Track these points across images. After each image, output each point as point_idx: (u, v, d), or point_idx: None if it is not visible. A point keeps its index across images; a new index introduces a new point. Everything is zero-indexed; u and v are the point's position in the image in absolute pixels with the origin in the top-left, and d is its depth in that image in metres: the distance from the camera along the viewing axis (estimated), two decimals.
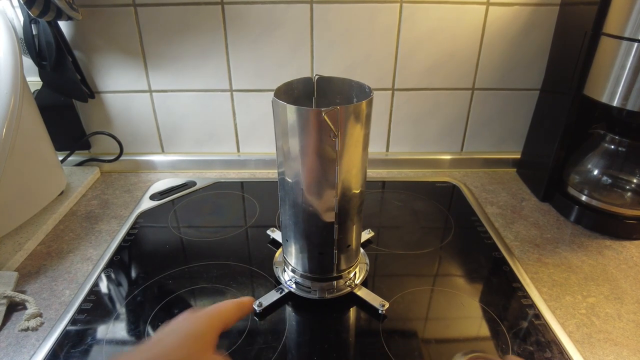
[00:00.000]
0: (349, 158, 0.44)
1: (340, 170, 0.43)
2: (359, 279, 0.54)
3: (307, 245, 0.49)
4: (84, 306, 0.51)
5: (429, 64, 0.76)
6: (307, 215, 0.47)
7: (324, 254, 0.49)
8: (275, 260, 0.58)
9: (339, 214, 0.46)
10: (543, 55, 0.75)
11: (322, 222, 0.47)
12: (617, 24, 0.57)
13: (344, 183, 0.45)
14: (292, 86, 0.48)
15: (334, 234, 0.47)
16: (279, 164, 0.46)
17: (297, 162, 0.43)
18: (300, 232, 0.48)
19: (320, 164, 0.43)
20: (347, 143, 0.42)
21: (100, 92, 0.79)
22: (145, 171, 0.84)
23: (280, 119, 0.42)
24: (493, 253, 0.61)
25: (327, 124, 0.40)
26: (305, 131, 0.41)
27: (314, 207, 0.46)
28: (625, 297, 0.54)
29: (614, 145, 0.67)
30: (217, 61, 0.76)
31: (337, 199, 0.45)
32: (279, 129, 0.44)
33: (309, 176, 0.44)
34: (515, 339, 0.47)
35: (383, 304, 0.50)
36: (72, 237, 0.65)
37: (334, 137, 0.41)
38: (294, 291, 0.52)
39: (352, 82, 0.48)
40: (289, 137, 0.42)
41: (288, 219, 0.49)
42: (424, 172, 0.85)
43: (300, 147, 0.42)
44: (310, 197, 0.45)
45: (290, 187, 0.46)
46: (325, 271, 0.51)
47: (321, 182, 0.44)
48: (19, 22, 0.69)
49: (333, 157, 0.42)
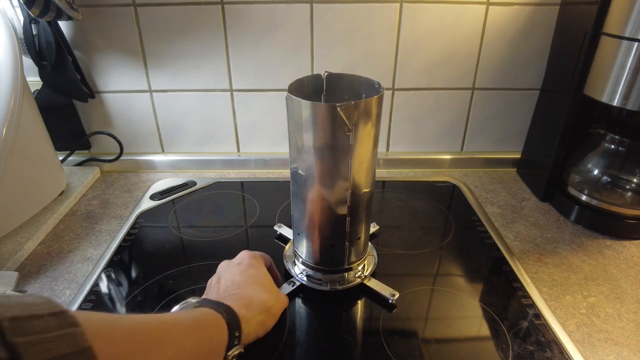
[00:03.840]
0: (361, 152, 0.44)
1: (353, 164, 0.44)
2: (368, 271, 0.55)
3: (319, 238, 0.50)
4: (84, 306, 0.51)
5: (429, 64, 0.76)
6: (319, 209, 0.47)
7: (335, 247, 0.50)
8: (286, 254, 0.59)
9: (351, 207, 0.47)
10: (543, 55, 0.75)
11: (334, 215, 0.47)
12: (617, 23, 0.57)
13: (356, 177, 0.46)
14: (302, 83, 0.49)
15: (345, 226, 0.48)
16: (292, 159, 0.47)
17: (311, 157, 0.44)
18: (312, 225, 0.49)
19: (333, 158, 0.44)
20: (359, 137, 0.43)
21: (100, 92, 0.79)
22: (146, 171, 0.84)
23: (295, 115, 0.43)
24: (493, 253, 0.61)
25: (342, 118, 0.40)
26: (319, 126, 0.42)
27: (327, 201, 0.47)
28: (626, 296, 0.54)
29: (614, 145, 0.67)
30: (217, 61, 0.76)
31: (349, 192, 0.46)
32: (292, 124, 0.44)
33: (322, 170, 0.45)
34: (515, 339, 0.47)
35: (393, 293, 0.51)
36: (72, 237, 0.65)
37: (348, 131, 0.41)
38: (306, 283, 0.53)
39: (360, 78, 0.49)
40: (303, 132, 0.43)
41: (300, 212, 0.50)
42: (424, 172, 0.85)
43: (314, 142, 0.43)
44: (324, 190, 0.46)
45: (303, 181, 0.47)
46: (337, 263, 0.52)
47: (334, 176, 0.45)
48: (19, 22, 0.69)
49: (346, 151, 0.43)
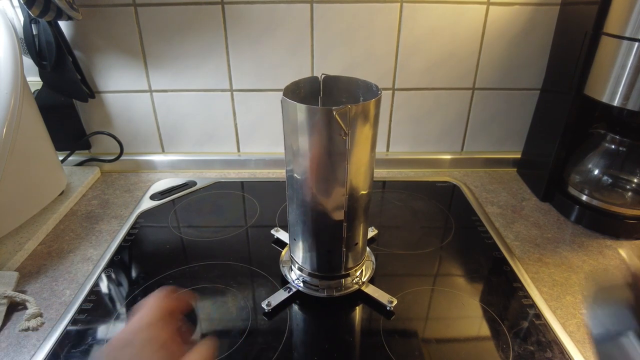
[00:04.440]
0: (359, 156, 0.44)
1: (350, 169, 0.43)
2: (366, 277, 0.55)
3: (315, 244, 0.49)
4: (84, 306, 0.51)
5: (429, 64, 0.76)
6: (315, 214, 0.47)
7: (332, 252, 0.49)
8: (282, 259, 0.58)
9: (348, 212, 0.46)
10: (543, 55, 0.75)
11: (331, 220, 0.47)
12: (617, 23, 0.56)
13: (353, 181, 0.45)
14: (299, 85, 0.48)
15: (342, 232, 0.47)
16: (288, 162, 0.46)
17: (307, 161, 0.44)
18: (308, 231, 0.49)
19: (330, 163, 0.43)
20: (356, 141, 0.42)
21: (101, 92, 0.79)
22: (146, 171, 0.84)
23: (290, 118, 0.42)
24: (493, 253, 0.61)
25: (338, 122, 0.40)
26: (315, 130, 0.41)
27: (323, 206, 0.46)
28: None
29: (614, 145, 0.67)
30: (217, 61, 0.76)
31: (346, 197, 0.45)
32: (288, 127, 0.44)
33: (318, 175, 0.44)
34: (515, 339, 0.47)
35: (391, 300, 0.51)
36: (73, 237, 0.65)
37: (344, 135, 0.41)
38: (302, 290, 0.52)
39: (358, 80, 0.48)
40: (298, 136, 0.43)
41: (296, 217, 0.49)
42: (424, 172, 0.85)
43: (310, 146, 0.42)
44: (320, 195, 0.45)
45: (299, 185, 0.46)
46: (334, 269, 0.51)
47: (330, 181, 0.44)
48: (19, 22, 0.69)
49: (343, 156, 0.42)
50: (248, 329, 0.48)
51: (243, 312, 0.51)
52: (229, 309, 0.51)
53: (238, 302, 0.52)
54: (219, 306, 0.52)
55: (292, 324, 0.49)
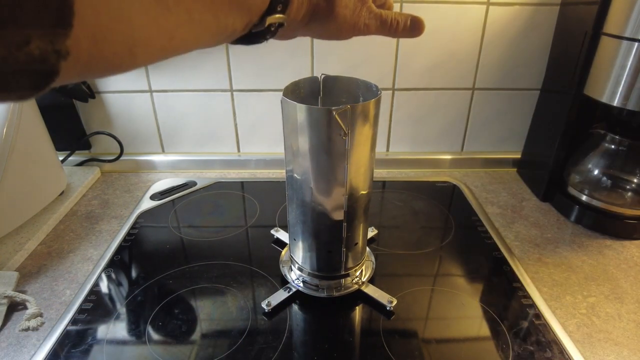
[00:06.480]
0: (358, 156, 0.44)
1: (350, 169, 0.44)
2: (365, 277, 0.55)
3: (315, 244, 0.49)
4: (84, 306, 0.51)
5: (429, 64, 0.76)
6: (315, 214, 0.47)
7: (332, 252, 0.50)
8: (282, 259, 0.58)
9: (348, 212, 0.46)
10: (543, 55, 0.75)
11: (330, 220, 0.47)
12: (617, 23, 0.57)
13: (353, 181, 0.45)
14: (298, 85, 0.48)
15: (342, 232, 0.47)
16: (287, 162, 0.46)
17: (307, 161, 0.44)
18: (308, 231, 0.49)
19: (330, 163, 0.43)
20: (356, 141, 0.43)
21: (101, 92, 0.79)
22: (146, 171, 0.84)
23: (290, 118, 0.43)
24: (493, 253, 0.61)
25: (338, 122, 0.40)
26: (315, 130, 0.42)
27: (323, 206, 0.46)
28: (626, 297, 0.54)
29: (614, 145, 0.67)
30: (217, 61, 0.76)
31: (346, 197, 0.45)
32: (288, 127, 0.44)
33: (318, 175, 0.44)
34: (515, 339, 0.47)
35: (391, 300, 0.51)
36: (73, 237, 0.65)
37: (344, 135, 0.41)
38: (302, 290, 0.53)
39: (358, 80, 0.48)
40: (298, 136, 0.43)
41: (296, 217, 0.49)
42: (424, 172, 0.85)
43: (310, 146, 0.43)
44: (319, 195, 0.45)
45: (298, 185, 0.46)
46: (333, 269, 0.51)
47: (330, 181, 0.44)
48: None
49: (343, 156, 0.43)
50: (248, 329, 0.48)
51: (243, 312, 0.51)
52: (228, 309, 0.51)
53: (238, 302, 0.52)
54: (218, 306, 0.52)
55: (292, 324, 0.49)
